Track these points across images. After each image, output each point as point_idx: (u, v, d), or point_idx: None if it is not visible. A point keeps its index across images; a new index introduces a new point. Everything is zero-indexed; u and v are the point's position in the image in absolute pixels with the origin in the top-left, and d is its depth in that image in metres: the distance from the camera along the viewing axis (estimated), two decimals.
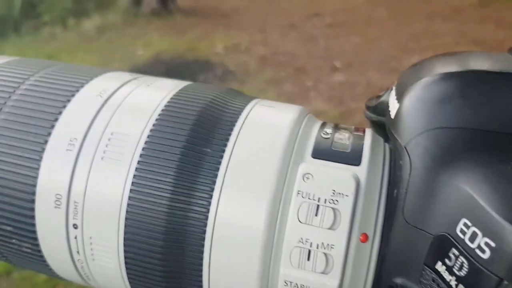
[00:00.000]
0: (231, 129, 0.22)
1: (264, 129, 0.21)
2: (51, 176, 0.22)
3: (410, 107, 0.19)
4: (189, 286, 0.21)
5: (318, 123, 0.23)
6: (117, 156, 0.21)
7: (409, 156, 0.18)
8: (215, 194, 0.20)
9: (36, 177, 0.22)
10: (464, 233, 0.16)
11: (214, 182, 0.20)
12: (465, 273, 0.16)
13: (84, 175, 0.21)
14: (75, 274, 0.23)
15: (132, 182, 0.21)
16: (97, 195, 0.21)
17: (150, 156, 0.21)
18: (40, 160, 0.22)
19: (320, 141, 0.21)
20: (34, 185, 0.22)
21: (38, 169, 0.22)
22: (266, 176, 0.20)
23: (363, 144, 0.21)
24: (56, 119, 0.22)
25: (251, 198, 0.20)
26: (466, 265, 0.16)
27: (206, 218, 0.20)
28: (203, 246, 0.20)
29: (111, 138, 0.22)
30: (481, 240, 0.16)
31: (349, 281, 0.19)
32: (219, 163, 0.21)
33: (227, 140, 0.21)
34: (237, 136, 0.21)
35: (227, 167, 0.20)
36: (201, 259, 0.20)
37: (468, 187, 0.16)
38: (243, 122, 0.22)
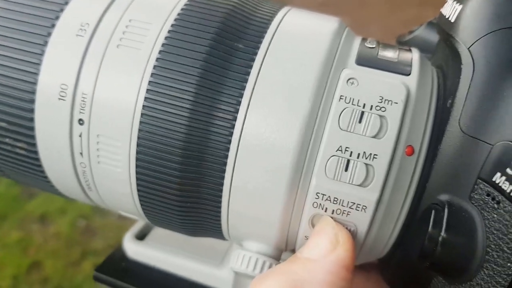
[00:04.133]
0: (267, 26, 0.19)
1: (303, 33, 0.19)
2: (57, 64, 0.19)
3: (477, 6, 0.17)
4: (207, 200, 0.19)
5: (359, 37, 0.21)
6: (136, 44, 0.19)
7: (472, 59, 0.17)
8: (246, 94, 0.18)
9: (39, 64, 0.19)
10: None
11: (245, 81, 0.18)
12: None
13: (95, 64, 0.19)
14: (74, 181, 0.20)
15: (152, 74, 0.18)
16: (110, 86, 0.18)
17: (174, 46, 0.18)
18: (45, 45, 0.19)
19: (364, 50, 0.19)
20: (37, 74, 0.19)
21: (42, 55, 0.19)
22: (305, 78, 0.18)
23: (411, 56, 0.19)
24: (66, 3, 0.20)
25: (286, 101, 0.18)
26: None
27: (232, 127, 0.18)
28: (226, 157, 0.18)
29: (129, 26, 0.19)
30: None
31: (388, 196, 0.18)
32: (253, 60, 0.18)
33: (262, 37, 0.19)
34: (273, 36, 0.19)
35: (260, 66, 0.18)
36: (223, 171, 0.18)
37: None
38: (280, 22, 0.20)
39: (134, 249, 0.27)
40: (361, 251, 0.19)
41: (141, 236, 0.28)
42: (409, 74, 0.18)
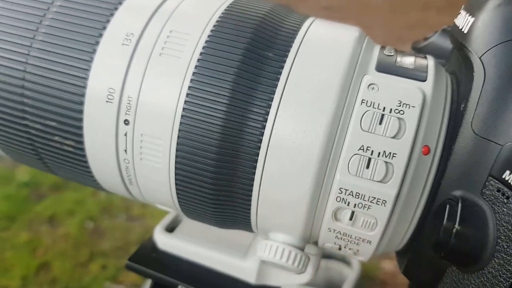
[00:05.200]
0: (294, 36, 0.21)
1: (327, 42, 0.21)
2: (104, 70, 0.21)
3: (488, 19, 0.19)
4: (238, 194, 0.21)
5: (378, 45, 0.23)
6: (176, 53, 0.20)
7: (483, 67, 0.18)
8: (276, 99, 0.20)
9: (88, 70, 0.21)
10: None
11: (275, 86, 0.20)
12: None
13: (140, 70, 0.20)
14: (117, 176, 0.22)
15: (191, 80, 0.20)
16: (153, 90, 0.20)
17: (211, 55, 0.20)
18: (93, 53, 0.21)
19: (383, 57, 0.21)
20: (86, 78, 0.21)
21: (91, 62, 0.21)
22: (330, 83, 0.20)
23: (427, 63, 0.21)
24: (112, 14, 0.21)
25: (313, 104, 0.19)
26: None
27: (263, 127, 0.20)
28: (257, 154, 0.20)
29: (170, 36, 0.21)
30: None
31: (406, 191, 0.19)
32: (282, 67, 0.20)
33: (290, 46, 0.21)
34: (300, 45, 0.21)
35: (289, 72, 0.20)
36: (254, 168, 0.20)
37: None
38: (305, 32, 0.21)
39: (164, 241, 0.29)
40: (380, 243, 0.21)
41: (170, 228, 0.30)
42: (425, 80, 0.20)
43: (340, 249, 0.22)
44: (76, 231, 1.06)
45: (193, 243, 0.28)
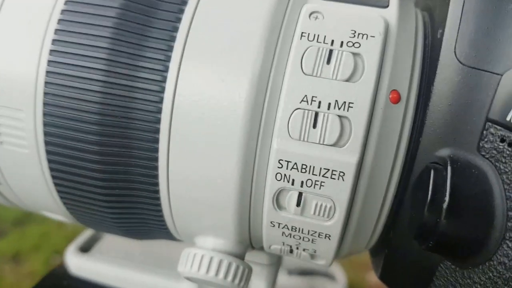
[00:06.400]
0: None
1: None
2: None
3: None
4: (140, 184, 0.15)
5: None
6: None
7: None
8: (178, 45, 0.14)
9: None
10: None
11: (175, 29, 0.14)
12: None
13: None
14: None
15: (58, 21, 0.14)
16: (6, 43, 0.14)
17: None
18: None
19: None
20: None
21: None
22: (255, 14, 0.14)
23: None
24: None
25: (232, 45, 0.14)
26: None
27: (163, 90, 0.14)
28: (158, 122, 0.14)
29: None
30: None
31: (371, 157, 0.14)
32: (184, 3, 0.14)
33: None
34: None
35: (196, 6, 0.14)
36: (156, 141, 0.14)
37: None
38: None
39: (77, 264, 0.23)
40: (344, 237, 0.15)
41: (86, 247, 0.24)
42: (387, 6, 0.15)
43: (291, 251, 0.16)
44: (43, 267, 0.98)
45: (114, 264, 0.22)
